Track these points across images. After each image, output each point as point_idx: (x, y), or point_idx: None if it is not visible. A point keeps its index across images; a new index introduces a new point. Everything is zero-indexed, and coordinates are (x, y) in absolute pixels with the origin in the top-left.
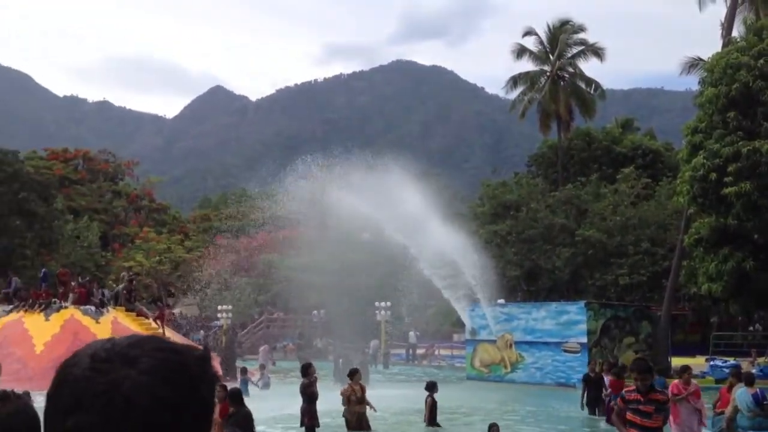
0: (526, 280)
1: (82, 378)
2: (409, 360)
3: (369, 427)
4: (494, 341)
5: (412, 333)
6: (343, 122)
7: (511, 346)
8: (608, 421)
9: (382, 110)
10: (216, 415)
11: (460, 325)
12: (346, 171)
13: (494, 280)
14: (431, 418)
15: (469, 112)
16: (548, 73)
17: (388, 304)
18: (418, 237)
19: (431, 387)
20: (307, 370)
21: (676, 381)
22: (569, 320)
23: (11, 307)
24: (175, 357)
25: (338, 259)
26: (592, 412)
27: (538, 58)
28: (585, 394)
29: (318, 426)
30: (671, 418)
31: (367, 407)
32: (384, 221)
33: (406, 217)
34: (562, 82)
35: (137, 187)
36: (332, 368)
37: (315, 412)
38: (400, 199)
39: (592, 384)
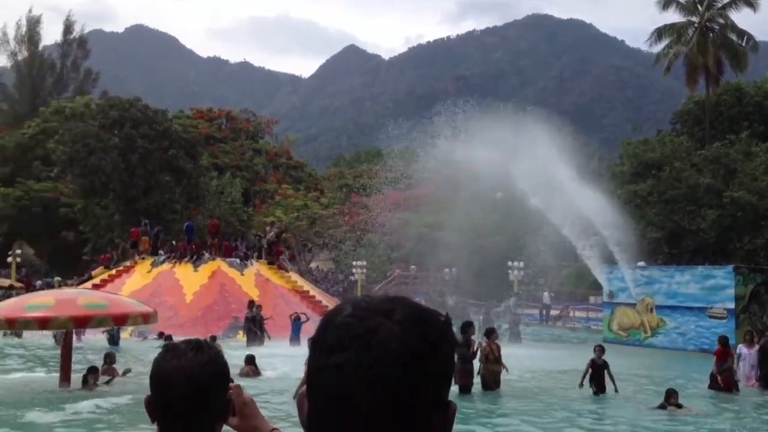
0: (668, 243)
1: (343, 323)
2: (543, 321)
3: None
4: (634, 305)
5: (546, 294)
6: (476, 79)
7: (651, 310)
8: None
9: (516, 66)
10: None
11: (596, 287)
12: (479, 129)
13: (634, 242)
14: (596, 380)
15: (608, 66)
16: (696, 25)
17: (521, 264)
18: (553, 196)
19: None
20: (466, 330)
21: None
22: (715, 285)
23: (163, 258)
24: (423, 314)
25: (471, 218)
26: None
27: (686, 8)
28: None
29: (472, 385)
30: None
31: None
32: (518, 180)
33: (541, 176)
34: (711, 34)
35: (276, 145)
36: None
37: (470, 370)
38: (534, 158)
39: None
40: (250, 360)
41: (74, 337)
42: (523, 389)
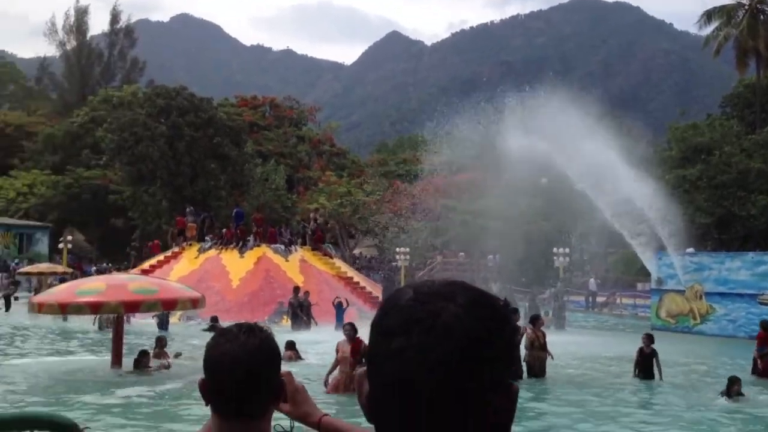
0: (717, 228)
1: (406, 307)
2: (589, 308)
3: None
4: (682, 291)
5: (592, 280)
6: (520, 64)
7: (701, 296)
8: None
9: (561, 51)
10: (348, 353)
11: (644, 273)
12: (523, 114)
13: (682, 228)
14: (643, 369)
15: (656, 50)
16: (746, 7)
17: (567, 250)
18: (599, 182)
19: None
20: (534, 322)
21: None
22: (766, 271)
23: (210, 244)
24: (484, 298)
25: (515, 204)
26: None
27: None
28: None
29: (521, 372)
30: None
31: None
32: (563, 166)
33: (586, 162)
34: (762, 16)
35: (319, 132)
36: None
37: (516, 357)
38: (580, 143)
39: None
40: (291, 345)
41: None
42: (569, 376)
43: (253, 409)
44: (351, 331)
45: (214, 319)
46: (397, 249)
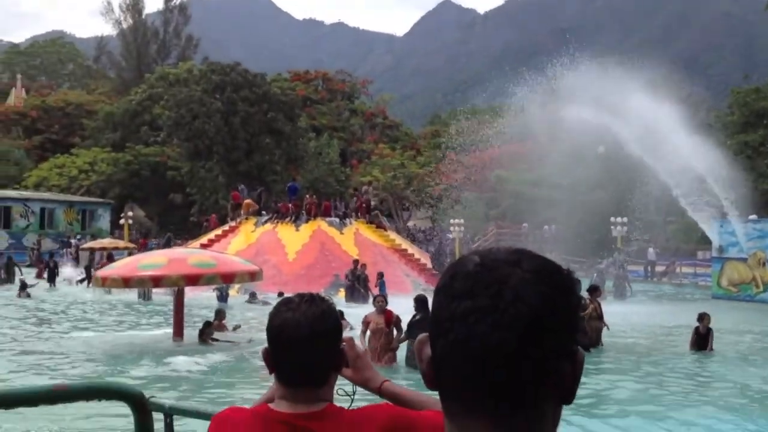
0: None
1: (473, 273)
2: (648, 277)
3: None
4: (745, 259)
5: (651, 250)
6: (576, 31)
7: (764, 264)
8: None
9: (618, 16)
10: (382, 324)
11: (704, 242)
12: (580, 83)
13: (745, 195)
14: (698, 344)
15: (717, 13)
16: None
17: (625, 219)
18: (659, 149)
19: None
20: (592, 293)
21: None
22: None
23: (266, 218)
24: (552, 266)
25: (571, 174)
26: None
27: None
28: None
29: (593, 343)
30: None
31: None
32: (621, 133)
33: (645, 129)
34: None
35: (371, 105)
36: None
37: (584, 329)
38: (639, 110)
39: None
40: (339, 314)
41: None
42: (626, 346)
43: (315, 376)
44: (383, 302)
45: (281, 295)
46: (451, 220)
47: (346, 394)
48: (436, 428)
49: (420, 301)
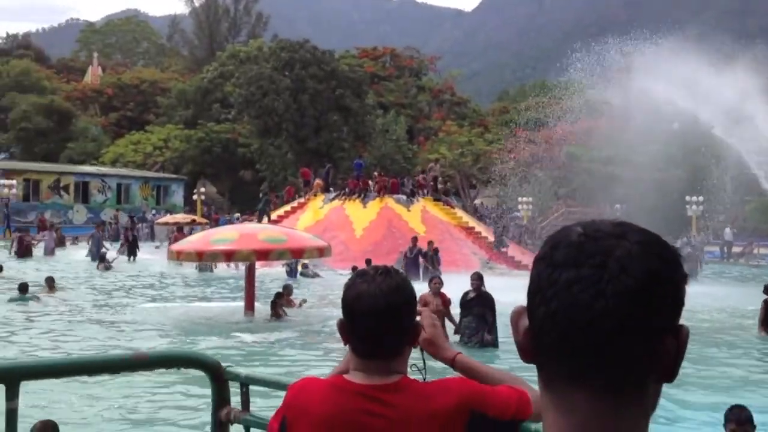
0: None
1: (577, 243)
2: (724, 258)
3: None
4: None
5: (727, 230)
6: (650, 4)
7: None
8: None
9: None
10: (440, 305)
11: None
12: (654, 57)
13: None
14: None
15: None
16: None
17: (701, 198)
18: (738, 126)
19: None
20: None
21: None
22: None
23: (333, 195)
24: (658, 240)
25: (644, 151)
26: None
27: None
28: None
29: None
30: None
31: None
32: (697, 109)
33: (723, 105)
34: None
35: (439, 81)
36: None
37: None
38: (716, 86)
39: None
40: None
41: (228, 266)
42: (698, 329)
43: (389, 348)
44: (439, 284)
45: (354, 269)
46: (519, 198)
47: (418, 370)
48: (508, 404)
49: (477, 278)
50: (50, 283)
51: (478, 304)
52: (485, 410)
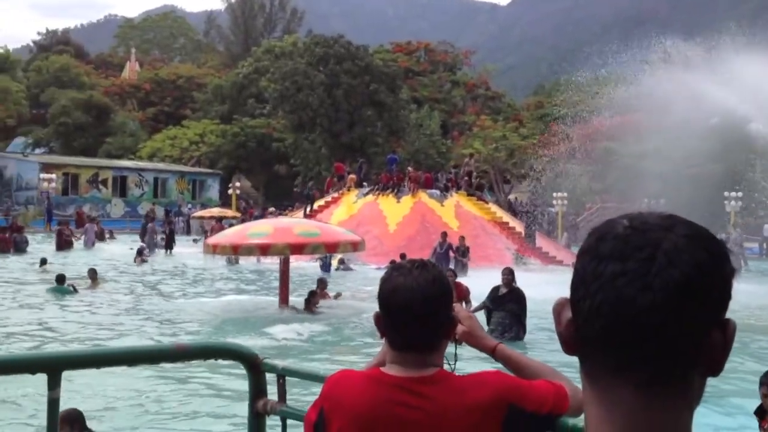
0: None
1: (622, 235)
2: (763, 254)
3: None
4: None
5: (766, 226)
6: None
7: None
8: None
9: None
10: (456, 299)
11: None
12: (693, 51)
13: None
14: None
15: None
16: None
17: (740, 194)
18: None
19: None
20: None
21: None
22: None
23: (367, 189)
24: (706, 233)
25: (682, 146)
26: None
27: None
28: None
29: None
30: None
31: None
32: (737, 105)
33: (763, 100)
34: None
35: (474, 76)
36: None
37: None
38: (756, 80)
39: None
40: None
41: (256, 260)
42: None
43: (426, 341)
44: (453, 277)
45: (344, 265)
46: (555, 194)
47: (448, 364)
48: (546, 398)
49: (509, 273)
50: (93, 276)
51: (511, 300)
52: (523, 405)
